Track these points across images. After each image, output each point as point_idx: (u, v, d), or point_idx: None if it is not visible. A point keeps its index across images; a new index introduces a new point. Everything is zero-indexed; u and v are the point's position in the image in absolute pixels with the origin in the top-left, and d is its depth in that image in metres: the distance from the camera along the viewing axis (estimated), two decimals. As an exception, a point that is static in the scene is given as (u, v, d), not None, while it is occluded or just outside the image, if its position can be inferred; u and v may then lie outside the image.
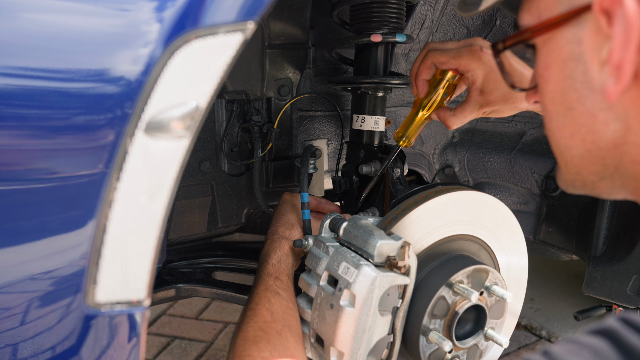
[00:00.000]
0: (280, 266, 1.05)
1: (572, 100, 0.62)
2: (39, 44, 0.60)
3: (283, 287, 1.01)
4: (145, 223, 0.66)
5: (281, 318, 0.94)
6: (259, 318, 0.92)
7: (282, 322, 0.93)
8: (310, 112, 1.44)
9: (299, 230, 1.13)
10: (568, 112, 0.63)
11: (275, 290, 0.99)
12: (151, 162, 0.64)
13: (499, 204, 1.14)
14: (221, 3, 0.64)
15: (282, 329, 0.91)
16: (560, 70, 0.62)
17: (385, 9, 1.16)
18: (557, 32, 0.60)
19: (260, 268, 1.06)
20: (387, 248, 0.92)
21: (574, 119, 0.63)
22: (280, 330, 0.91)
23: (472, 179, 1.85)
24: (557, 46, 0.61)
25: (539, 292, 2.86)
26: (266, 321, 0.92)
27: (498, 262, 1.17)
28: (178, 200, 1.26)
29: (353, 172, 1.26)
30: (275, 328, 0.91)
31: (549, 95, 0.65)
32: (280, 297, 0.98)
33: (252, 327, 0.90)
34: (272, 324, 0.91)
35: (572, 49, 0.59)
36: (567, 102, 0.63)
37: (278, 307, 0.96)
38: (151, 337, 2.44)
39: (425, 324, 0.98)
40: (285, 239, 1.10)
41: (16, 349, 0.66)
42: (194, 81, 0.64)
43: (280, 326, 0.92)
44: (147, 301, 0.69)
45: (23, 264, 0.64)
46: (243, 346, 0.86)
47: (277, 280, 1.01)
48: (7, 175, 0.61)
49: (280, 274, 1.03)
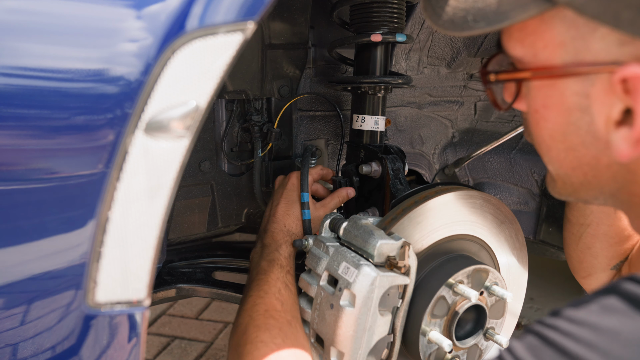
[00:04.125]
0: (291, 262, 1.06)
1: (575, 144, 0.61)
2: (39, 43, 0.60)
3: (292, 282, 1.02)
4: (145, 223, 0.66)
5: (290, 309, 0.95)
6: (269, 307, 0.93)
7: (291, 314, 0.94)
8: (310, 112, 1.44)
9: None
10: (570, 151, 0.63)
11: (286, 283, 1.00)
12: (151, 162, 0.64)
13: (499, 204, 1.14)
14: (221, 3, 0.64)
15: (292, 320, 0.93)
16: (563, 115, 0.60)
17: (385, 8, 1.16)
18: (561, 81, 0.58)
19: (268, 254, 1.05)
20: (387, 248, 0.92)
21: (576, 158, 0.63)
22: (290, 320, 0.92)
23: (472, 179, 1.85)
24: (560, 93, 0.59)
25: (539, 292, 2.86)
26: (277, 310, 0.93)
27: (498, 262, 1.17)
28: (178, 200, 1.26)
29: (353, 172, 1.26)
30: (285, 318, 0.92)
31: (548, 131, 0.64)
32: (289, 291, 0.99)
33: (262, 315, 0.91)
34: (283, 313, 0.92)
35: (579, 101, 0.58)
36: (568, 143, 0.62)
37: (288, 299, 0.97)
38: (151, 337, 2.44)
39: (425, 324, 0.98)
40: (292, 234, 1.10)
41: (16, 349, 0.66)
42: (194, 81, 0.64)
43: (290, 317, 0.93)
44: (147, 301, 0.69)
45: (23, 264, 0.64)
46: (255, 333, 0.87)
47: (288, 274, 1.02)
48: (7, 175, 0.61)
49: (291, 269, 1.04)
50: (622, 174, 0.60)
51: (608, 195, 0.65)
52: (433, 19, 0.66)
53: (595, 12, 0.52)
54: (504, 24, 0.58)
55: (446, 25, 0.64)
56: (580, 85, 0.57)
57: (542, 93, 0.62)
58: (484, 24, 0.59)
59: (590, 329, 0.48)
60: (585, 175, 0.64)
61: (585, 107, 0.58)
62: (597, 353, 0.46)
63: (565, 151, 0.63)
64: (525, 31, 0.60)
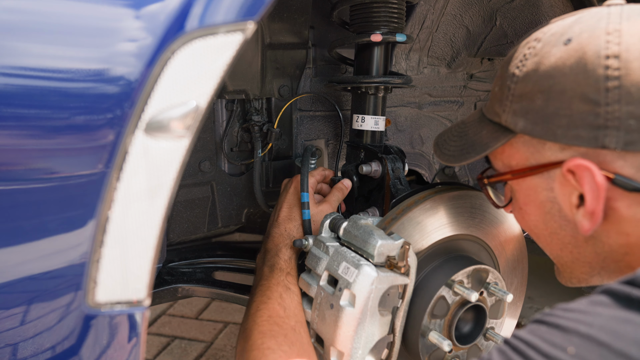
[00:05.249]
0: (291, 264, 1.07)
1: (554, 228, 0.80)
2: (38, 43, 0.60)
3: (293, 282, 1.03)
4: (145, 223, 0.66)
5: (293, 314, 0.97)
6: (272, 312, 0.95)
7: (294, 318, 0.96)
8: (310, 112, 1.44)
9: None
10: (553, 235, 0.82)
11: (287, 286, 1.01)
12: (151, 162, 0.64)
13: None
14: (221, 3, 0.64)
15: (295, 325, 0.94)
16: (539, 208, 0.81)
17: (385, 8, 1.16)
18: (531, 178, 0.79)
19: (269, 259, 1.07)
20: (388, 248, 0.92)
21: (559, 239, 0.81)
22: (294, 326, 0.94)
23: (472, 179, 1.85)
24: (534, 191, 0.80)
25: (538, 292, 2.86)
26: (280, 316, 0.94)
27: (498, 262, 1.17)
28: (178, 200, 1.26)
29: (353, 172, 1.26)
30: (289, 324, 0.94)
31: (532, 223, 0.84)
32: (291, 292, 1.00)
33: (266, 321, 0.93)
34: (286, 319, 0.94)
35: (547, 195, 0.78)
36: (550, 229, 0.81)
37: (290, 303, 0.98)
38: (151, 337, 2.44)
39: (425, 324, 0.98)
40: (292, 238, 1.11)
41: (16, 348, 0.66)
42: (194, 81, 0.64)
43: (294, 322, 0.95)
44: (147, 301, 0.69)
45: (23, 264, 0.64)
46: (261, 339, 0.89)
47: (288, 275, 1.04)
48: (7, 175, 0.61)
49: (291, 270, 1.05)
50: (599, 246, 0.76)
51: (599, 268, 0.79)
52: (440, 156, 0.94)
53: (540, 134, 0.75)
54: (487, 152, 0.84)
55: (450, 159, 0.91)
56: (545, 182, 0.78)
57: (522, 194, 0.83)
58: (475, 154, 0.86)
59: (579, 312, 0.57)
60: (571, 254, 0.81)
61: (553, 198, 0.78)
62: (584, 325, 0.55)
63: (550, 236, 0.82)
64: (503, 154, 0.84)
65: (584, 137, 0.70)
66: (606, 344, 0.51)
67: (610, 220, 0.72)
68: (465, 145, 0.89)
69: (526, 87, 0.76)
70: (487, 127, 0.85)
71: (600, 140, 0.69)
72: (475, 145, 0.87)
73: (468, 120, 0.94)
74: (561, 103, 0.71)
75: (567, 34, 0.73)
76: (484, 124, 0.87)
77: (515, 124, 0.78)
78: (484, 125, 0.87)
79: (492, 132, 0.84)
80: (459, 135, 0.93)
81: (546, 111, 0.73)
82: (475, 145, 0.87)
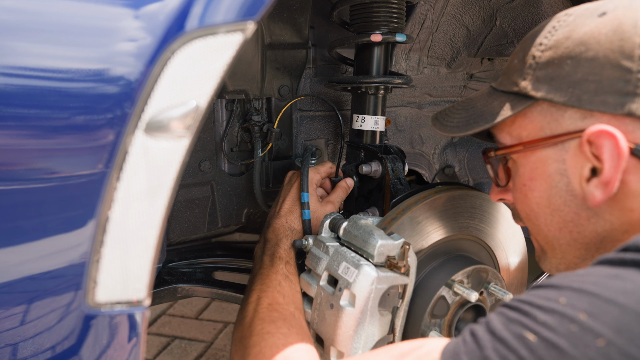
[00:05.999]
0: (290, 253, 1.08)
1: (558, 204, 0.78)
2: (38, 43, 0.60)
3: (292, 271, 1.04)
4: (145, 223, 0.66)
5: (292, 301, 0.98)
6: (271, 300, 0.96)
7: (293, 305, 0.97)
8: (310, 112, 1.44)
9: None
10: (555, 212, 0.79)
11: (285, 274, 1.02)
12: (151, 162, 0.64)
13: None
14: (221, 3, 0.64)
15: (294, 311, 0.96)
16: (546, 181, 0.78)
17: (385, 8, 1.16)
18: (542, 150, 0.78)
19: (269, 248, 1.08)
20: (387, 248, 0.92)
21: (561, 217, 0.79)
22: (293, 312, 0.95)
23: (472, 179, 1.85)
24: (543, 163, 0.78)
25: (539, 292, 2.86)
26: (279, 303, 0.96)
27: (498, 262, 1.17)
28: (178, 200, 1.26)
29: (353, 172, 1.26)
30: (288, 310, 0.95)
31: (535, 200, 0.81)
32: (289, 281, 1.02)
33: (266, 308, 0.94)
34: (285, 306, 0.96)
35: (557, 167, 0.76)
36: (553, 205, 0.79)
37: (288, 290, 1.00)
38: (151, 337, 2.44)
39: (425, 324, 0.98)
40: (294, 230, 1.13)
41: (16, 348, 0.66)
42: (194, 81, 0.64)
43: (293, 308, 0.96)
44: (147, 301, 0.69)
45: (23, 263, 0.64)
46: (260, 325, 0.90)
47: (287, 264, 1.05)
48: (7, 175, 0.61)
49: (290, 260, 1.07)
50: (600, 224, 0.75)
51: (595, 250, 0.78)
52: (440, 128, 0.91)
53: (564, 100, 0.73)
54: (498, 120, 0.81)
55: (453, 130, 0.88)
56: (558, 153, 0.76)
57: (529, 167, 0.81)
58: (483, 123, 0.83)
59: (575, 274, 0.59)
60: (570, 233, 0.79)
61: (563, 171, 0.76)
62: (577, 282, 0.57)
63: (551, 214, 0.80)
64: (512, 125, 0.82)
65: (611, 103, 0.69)
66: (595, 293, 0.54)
67: (616, 196, 0.72)
68: (472, 115, 0.87)
69: (555, 54, 0.76)
70: (500, 97, 0.84)
71: (627, 106, 0.68)
72: (485, 114, 0.84)
73: (474, 96, 0.92)
74: (592, 69, 0.71)
75: (601, 9, 0.74)
76: (495, 96, 0.86)
77: (537, 89, 0.77)
78: (495, 97, 0.85)
79: (505, 101, 0.82)
80: (465, 108, 0.91)
81: (574, 77, 0.73)
82: (485, 114, 0.84)
